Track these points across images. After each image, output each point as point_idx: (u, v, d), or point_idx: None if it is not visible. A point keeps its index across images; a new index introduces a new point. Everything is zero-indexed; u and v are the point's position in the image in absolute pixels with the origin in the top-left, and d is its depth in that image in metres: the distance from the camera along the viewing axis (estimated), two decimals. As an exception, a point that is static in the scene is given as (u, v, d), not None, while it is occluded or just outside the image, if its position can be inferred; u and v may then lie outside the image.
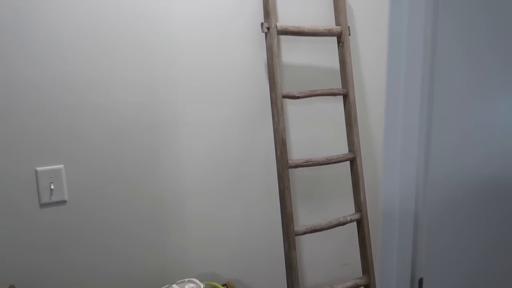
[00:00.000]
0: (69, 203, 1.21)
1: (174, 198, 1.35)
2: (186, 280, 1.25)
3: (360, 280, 1.49)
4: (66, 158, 1.19)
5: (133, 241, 1.30)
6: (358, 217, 1.49)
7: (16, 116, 1.12)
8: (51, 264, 1.20)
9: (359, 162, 1.49)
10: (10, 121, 1.12)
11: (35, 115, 1.14)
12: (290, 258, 1.35)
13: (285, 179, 1.36)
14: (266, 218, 1.53)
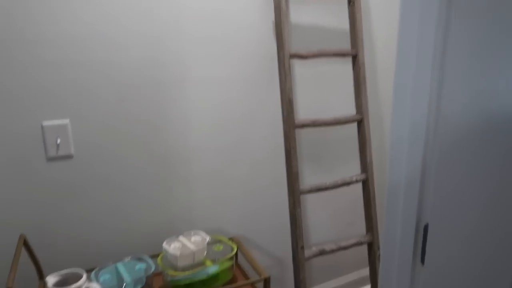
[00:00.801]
0: (75, 158, 1.22)
1: (180, 155, 1.36)
2: (192, 232, 1.27)
3: (363, 238, 1.51)
4: (72, 113, 1.19)
5: (139, 197, 1.32)
6: (364, 177, 1.50)
7: (23, 70, 1.11)
8: (59, 216, 1.23)
9: (367, 124, 1.48)
10: (16, 75, 1.11)
11: (41, 69, 1.13)
12: (295, 215, 1.37)
13: (291, 139, 1.35)
14: (271, 176, 1.54)
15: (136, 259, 1.24)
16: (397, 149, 0.61)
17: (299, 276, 1.37)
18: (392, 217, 0.64)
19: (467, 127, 0.49)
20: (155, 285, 1.23)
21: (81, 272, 1.04)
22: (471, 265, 0.58)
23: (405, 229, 0.63)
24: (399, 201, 0.60)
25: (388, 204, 0.64)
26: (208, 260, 1.21)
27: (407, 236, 0.63)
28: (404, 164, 0.58)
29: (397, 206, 0.62)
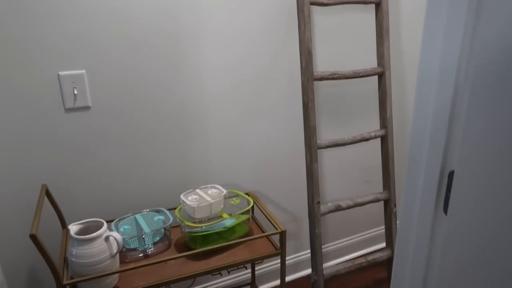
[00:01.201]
0: (93, 109, 1.22)
1: (196, 109, 1.34)
2: (209, 186, 1.28)
3: (380, 194, 1.50)
4: (88, 65, 1.17)
5: (156, 150, 1.33)
6: (383, 133, 1.46)
7: (38, 19, 1.09)
8: (79, 168, 1.24)
9: (388, 77, 1.42)
10: (32, 25, 1.08)
11: (56, 19, 1.10)
12: (312, 170, 1.36)
13: (309, 92, 1.31)
14: (289, 131, 1.52)
15: (155, 211, 1.26)
16: (425, 86, 0.57)
17: (315, 231, 1.38)
18: (415, 164, 0.62)
19: (505, 58, 0.45)
20: (173, 236, 1.26)
21: (102, 221, 1.06)
22: (498, 216, 0.55)
23: (429, 176, 0.61)
24: (424, 145, 0.57)
25: (412, 149, 0.61)
26: (225, 213, 1.22)
27: (430, 184, 0.61)
28: (432, 102, 0.54)
29: (421, 151, 0.59)
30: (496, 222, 0.57)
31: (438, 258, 0.68)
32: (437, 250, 0.68)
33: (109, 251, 1.02)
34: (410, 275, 0.76)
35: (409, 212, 0.71)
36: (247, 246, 1.22)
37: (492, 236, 0.58)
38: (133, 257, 1.17)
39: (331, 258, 1.82)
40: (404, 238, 0.74)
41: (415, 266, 0.73)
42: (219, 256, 1.18)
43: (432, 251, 0.69)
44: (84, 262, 0.99)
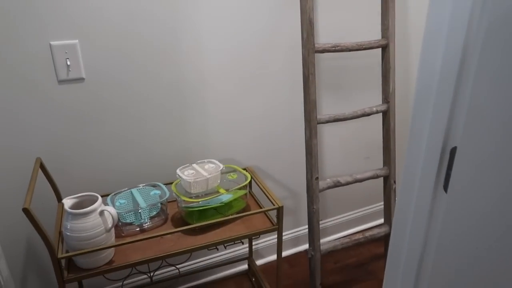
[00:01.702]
0: (87, 81, 1.18)
1: (195, 81, 1.31)
2: (206, 161, 1.26)
3: (380, 171, 1.48)
4: (81, 33, 1.13)
5: (153, 124, 1.30)
6: (385, 108, 1.42)
7: (23, -18, 1.04)
8: (74, 142, 1.22)
9: (392, 50, 1.37)
10: (17, -12, 1.04)
11: (42, -18, 1.06)
12: (311, 146, 1.33)
13: (310, 64, 1.27)
14: (288, 106, 1.49)
15: (151, 185, 1.25)
16: (430, 49, 0.53)
17: (312, 207, 1.37)
18: (416, 138, 0.59)
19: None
20: (169, 211, 1.25)
21: (97, 196, 1.05)
22: (500, 197, 0.53)
23: (430, 152, 0.58)
24: (426, 118, 0.54)
25: (414, 122, 0.58)
26: (222, 188, 1.20)
27: (431, 160, 0.58)
28: (437, 69, 0.50)
29: (423, 125, 0.56)
30: (498, 203, 0.54)
31: (436, 236, 0.66)
32: (435, 228, 0.66)
33: (103, 225, 1.01)
34: (407, 252, 0.75)
35: (408, 188, 0.69)
36: (244, 221, 1.21)
37: (493, 216, 0.55)
38: (129, 231, 1.17)
39: (329, 234, 1.82)
40: (402, 214, 0.73)
41: (412, 243, 0.71)
42: (216, 231, 1.17)
43: (430, 229, 0.67)
44: (79, 236, 0.99)
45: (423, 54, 0.56)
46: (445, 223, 0.61)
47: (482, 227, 0.56)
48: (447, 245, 0.64)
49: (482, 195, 0.56)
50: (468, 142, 0.52)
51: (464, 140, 0.52)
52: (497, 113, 0.47)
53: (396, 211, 0.70)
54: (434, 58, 0.55)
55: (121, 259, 1.07)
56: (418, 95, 0.58)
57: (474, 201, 0.57)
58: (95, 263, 1.04)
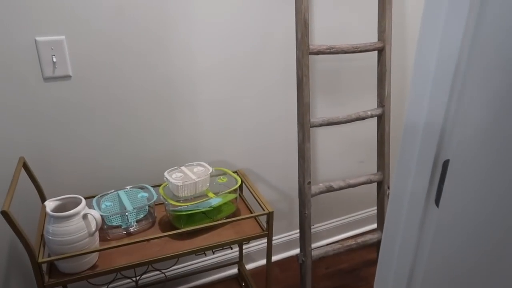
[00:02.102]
0: (73, 78, 1.15)
1: (186, 80, 1.27)
2: (195, 164, 1.23)
3: (374, 176, 1.45)
4: (68, 29, 1.09)
5: (141, 123, 1.27)
6: (379, 112, 1.40)
7: (8, -24, 1.00)
8: (59, 139, 1.18)
9: (388, 52, 1.35)
10: (1, -18, 1.00)
11: (28, -24, 1.02)
12: (303, 149, 1.30)
13: (304, 66, 1.24)
14: (281, 108, 1.46)
15: (138, 187, 1.22)
16: (423, 55, 0.50)
17: (304, 212, 1.34)
18: (408, 149, 0.56)
19: None
20: (157, 214, 1.22)
21: (80, 198, 1.01)
22: (494, 212, 0.50)
23: (421, 163, 0.55)
24: (418, 127, 0.52)
25: (406, 132, 0.55)
26: (211, 192, 1.17)
27: (422, 172, 0.56)
28: (430, 80, 0.48)
29: (415, 134, 0.53)
30: (492, 218, 0.52)
31: (427, 250, 0.64)
32: (426, 241, 0.63)
33: (87, 229, 0.98)
34: (397, 262, 0.73)
35: (399, 200, 0.66)
36: (233, 226, 1.18)
37: (485, 232, 0.53)
38: (115, 234, 1.13)
39: (321, 238, 1.79)
40: (393, 226, 0.70)
41: (403, 255, 0.69)
42: (204, 235, 1.14)
43: (421, 242, 0.65)
44: (61, 240, 0.95)
45: (417, 61, 0.53)
46: (436, 239, 0.59)
47: (474, 244, 0.54)
48: (438, 258, 0.62)
49: (475, 210, 0.53)
50: (461, 155, 0.50)
51: (457, 153, 0.50)
52: (492, 125, 0.45)
53: (386, 222, 0.67)
54: (427, 65, 0.53)
55: (105, 264, 1.04)
56: (411, 105, 0.55)
57: (467, 218, 0.55)
58: (78, 268, 1.00)
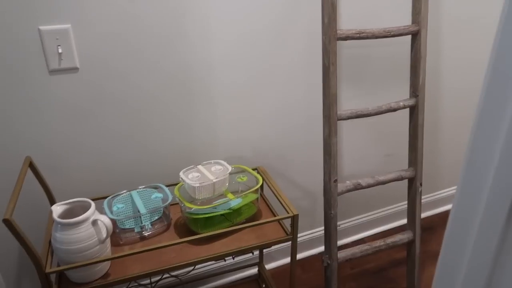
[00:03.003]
0: (81, 71, 1.06)
1: (201, 70, 1.17)
2: (212, 162, 1.13)
3: (405, 172, 1.34)
4: (74, 17, 1.00)
5: (154, 119, 1.17)
6: (413, 102, 1.27)
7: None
8: (67, 139, 1.10)
9: (424, 37, 1.22)
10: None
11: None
12: (330, 145, 1.19)
13: (331, 53, 1.12)
14: (305, 99, 1.35)
15: (152, 187, 1.13)
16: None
17: (330, 212, 1.24)
18: (482, 153, 0.45)
19: None
20: (172, 215, 1.13)
21: (89, 202, 0.93)
22: None
23: (503, 171, 0.45)
24: (499, 119, 0.41)
25: (480, 125, 0.44)
26: (230, 193, 1.08)
27: (503, 188, 0.45)
28: None
29: (494, 130, 0.42)
30: None
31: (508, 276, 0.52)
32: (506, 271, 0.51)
33: (97, 236, 0.90)
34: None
35: (465, 218, 0.54)
36: (255, 229, 1.09)
37: None
38: (128, 238, 1.06)
39: (345, 236, 1.69)
40: (454, 250, 0.57)
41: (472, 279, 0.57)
42: (223, 240, 1.05)
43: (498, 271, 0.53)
44: (69, 248, 0.88)
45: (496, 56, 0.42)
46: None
47: None
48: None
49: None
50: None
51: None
52: None
53: (445, 247, 0.56)
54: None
55: (118, 272, 0.96)
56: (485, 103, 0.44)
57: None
58: (89, 277, 0.93)
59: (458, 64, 1.58)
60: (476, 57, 1.59)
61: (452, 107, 1.66)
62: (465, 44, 1.55)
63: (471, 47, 1.57)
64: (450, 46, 1.52)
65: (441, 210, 1.89)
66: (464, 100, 1.67)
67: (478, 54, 1.59)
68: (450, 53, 1.54)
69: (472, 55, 1.58)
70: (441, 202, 1.88)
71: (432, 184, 1.80)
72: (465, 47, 1.56)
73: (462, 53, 1.56)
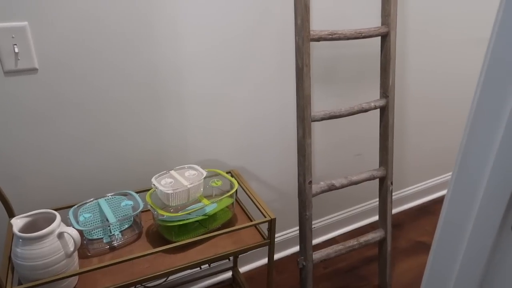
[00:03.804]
0: (41, 71, 0.98)
1: (172, 70, 1.12)
2: (186, 167, 1.09)
3: (376, 172, 1.36)
4: (31, 14, 0.92)
5: (122, 122, 1.11)
6: (383, 103, 1.29)
7: None
8: (26, 145, 1.02)
9: (393, 38, 1.24)
10: None
11: None
12: (304, 146, 1.19)
13: (305, 54, 1.11)
14: (278, 101, 1.33)
15: (121, 194, 1.07)
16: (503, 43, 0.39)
17: (305, 213, 1.24)
18: (472, 162, 0.45)
19: None
20: (144, 224, 1.08)
21: (54, 213, 0.87)
22: None
23: (495, 186, 0.45)
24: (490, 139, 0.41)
25: (472, 133, 0.44)
26: (205, 198, 1.05)
27: (496, 196, 0.45)
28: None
29: (484, 148, 0.42)
30: None
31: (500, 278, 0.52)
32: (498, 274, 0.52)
33: (63, 250, 0.84)
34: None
35: (456, 225, 0.54)
36: (231, 234, 1.06)
37: None
38: (96, 250, 0.99)
39: (317, 235, 1.70)
40: (445, 256, 0.57)
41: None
42: (198, 247, 1.01)
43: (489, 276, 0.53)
44: (33, 264, 0.81)
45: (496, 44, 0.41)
46: None
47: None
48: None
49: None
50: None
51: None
52: None
53: (434, 252, 0.56)
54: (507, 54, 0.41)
55: (87, 286, 0.90)
56: (477, 109, 0.43)
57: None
58: (55, 294, 0.86)
59: (425, 66, 1.63)
60: (443, 57, 1.65)
61: (418, 108, 1.71)
62: (432, 46, 1.60)
63: (437, 49, 1.62)
64: (416, 47, 1.56)
65: (406, 207, 1.94)
66: (430, 100, 1.73)
67: (446, 54, 1.64)
68: (415, 55, 1.58)
69: (439, 56, 1.64)
70: (406, 199, 1.93)
71: (398, 182, 1.85)
72: (432, 49, 1.60)
73: (429, 56, 1.61)
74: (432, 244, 0.58)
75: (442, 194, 2.04)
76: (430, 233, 1.76)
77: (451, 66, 1.71)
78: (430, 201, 1.99)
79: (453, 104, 1.82)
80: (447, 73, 1.71)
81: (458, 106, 1.83)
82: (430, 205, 1.97)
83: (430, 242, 1.68)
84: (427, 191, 1.99)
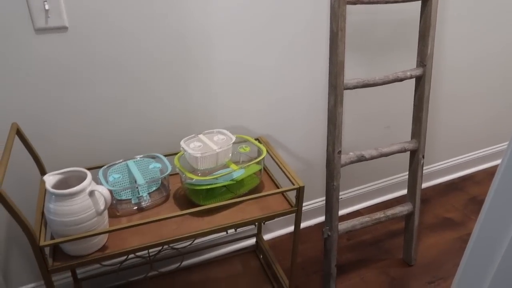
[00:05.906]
0: (70, 30, 0.97)
1: (201, 35, 1.09)
2: (215, 131, 1.08)
3: (408, 144, 1.31)
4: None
5: (151, 85, 1.10)
6: (420, 72, 1.23)
7: None
8: (57, 105, 1.02)
9: (435, 3, 1.16)
10: None
11: None
12: (335, 115, 1.15)
13: (340, 18, 1.06)
14: (308, 67, 1.29)
15: (150, 157, 1.07)
16: None
17: (332, 183, 1.21)
18: None
19: None
20: (171, 187, 1.08)
21: (85, 172, 0.87)
22: None
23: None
24: None
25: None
26: (233, 164, 1.03)
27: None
28: None
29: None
30: None
31: None
32: None
33: (94, 208, 0.85)
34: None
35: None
36: (258, 201, 1.05)
37: None
38: (125, 210, 1.01)
39: (343, 207, 1.68)
40: (486, 247, 0.53)
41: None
42: (225, 212, 1.01)
43: None
44: (64, 221, 0.82)
45: None
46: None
47: None
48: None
49: None
50: None
51: None
52: None
53: (472, 240, 0.53)
54: None
55: (116, 244, 0.92)
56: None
57: None
58: (86, 250, 0.88)
59: (464, 36, 1.54)
60: (483, 28, 1.55)
61: (454, 80, 1.63)
62: (474, 14, 1.50)
63: (480, 18, 1.52)
64: (456, 12, 1.47)
65: (435, 182, 1.89)
66: (468, 73, 1.64)
67: (489, 24, 1.55)
68: (454, 21, 1.48)
69: (481, 26, 1.54)
70: (435, 174, 1.88)
71: (428, 156, 1.79)
72: (473, 18, 1.51)
73: (469, 26, 1.52)
74: (472, 232, 0.54)
75: (472, 171, 1.98)
76: (457, 210, 1.72)
77: (493, 39, 1.61)
78: (459, 178, 1.93)
79: (491, 79, 1.72)
80: (488, 45, 1.62)
81: (497, 81, 1.74)
82: (459, 182, 1.91)
83: (457, 219, 1.65)
84: (457, 167, 1.93)
